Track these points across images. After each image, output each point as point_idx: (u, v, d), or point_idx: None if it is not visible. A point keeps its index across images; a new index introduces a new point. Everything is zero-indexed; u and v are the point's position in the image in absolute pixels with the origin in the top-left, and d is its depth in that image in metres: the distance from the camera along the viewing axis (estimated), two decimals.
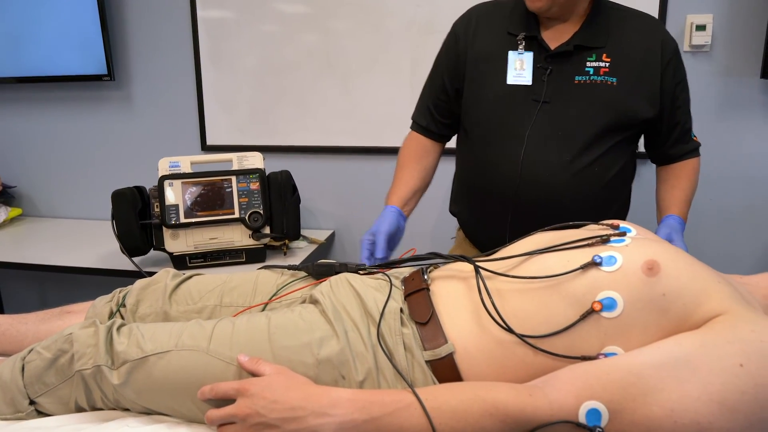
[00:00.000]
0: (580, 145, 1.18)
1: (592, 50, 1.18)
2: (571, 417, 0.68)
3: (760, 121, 1.78)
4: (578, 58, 1.18)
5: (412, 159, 1.37)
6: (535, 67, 1.20)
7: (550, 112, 1.18)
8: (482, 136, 1.26)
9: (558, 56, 1.19)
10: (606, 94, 1.17)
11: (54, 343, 0.84)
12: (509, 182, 1.20)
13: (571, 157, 1.18)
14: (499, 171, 1.21)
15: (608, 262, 0.77)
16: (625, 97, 1.17)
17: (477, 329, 0.80)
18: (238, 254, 1.68)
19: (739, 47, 1.75)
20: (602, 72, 1.17)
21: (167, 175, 1.62)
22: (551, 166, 1.18)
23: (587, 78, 1.18)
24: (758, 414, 0.64)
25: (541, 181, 1.18)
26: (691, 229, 1.89)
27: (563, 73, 1.18)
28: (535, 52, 1.20)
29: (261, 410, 0.71)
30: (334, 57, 2.00)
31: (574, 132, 1.18)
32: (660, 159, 1.34)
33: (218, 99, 2.11)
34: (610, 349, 0.74)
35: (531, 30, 1.21)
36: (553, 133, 1.18)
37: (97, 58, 2.10)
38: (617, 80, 1.17)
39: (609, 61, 1.17)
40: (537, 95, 1.19)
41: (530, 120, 1.18)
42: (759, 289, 0.83)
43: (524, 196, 1.20)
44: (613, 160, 1.21)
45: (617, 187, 1.27)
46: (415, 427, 0.69)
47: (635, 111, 1.19)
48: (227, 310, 0.98)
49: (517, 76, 1.20)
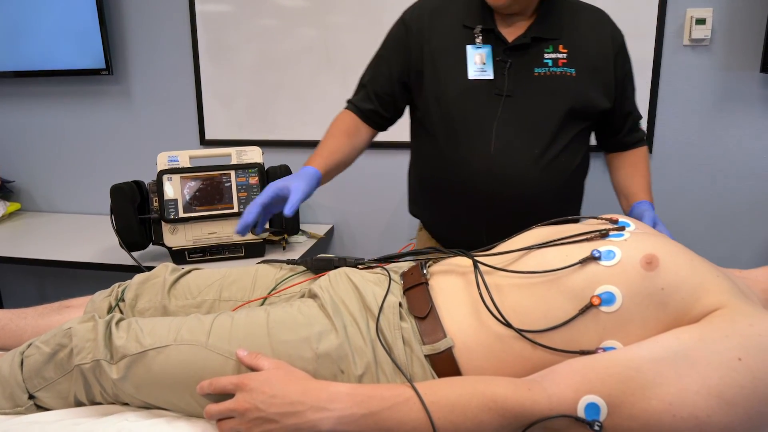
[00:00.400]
0: (547, 136, 1.18)
1: (549, 42, 1.19)
2: (569, 411, 0.68)
3: (760, 115, 1.78)
4: (536, 50, 1.18)
5: (344, 133, 1.30)
6: (494, 60, 1.19)
7: (514, 106, 1.18)
8: (448, 133, 1.22)
9: (516, 49, 1.18)
10: (566, 84, 1.18)
11: (53, 337, 0.84)
12: (481, 177, 1.18)
13: (539, 149, 1.18)
14: (470, 167, 1.19)
15: (607, 256, 0.77)
16: (584, 88, 1.19)
17: (476, 324, 0.80)
18: (237, 249, 1.68)
19: (739, 41, 1.74)
20: (560, 63, 1.18)
21: (166, 170, 1.62)
22: (522, 158, 1.18)
23: (547, 70, 1.18)
24: (756, 407, 0.65)
25: (512, 174, 1.18)
26: (690, 223, 1.90)
27: (523, 66, 1.18)
28: (493, 46, 1.19)
29: (260, 405, 0.71)
30: (333, 51, 1.99)
31: (539, 124, 1.18)
32: (612, 147, 1.35)
33: (217, 93, 2.11)
34: (609, 344, 0.74)
35: (487, 23, 1.20)
36: (519, 126, 1.18)
37: (95, 52, 2.09)
38: (575, 71, 1.18)
39: (566, 53, 1.18)
40: (499, 89, 1.18)
41: (496, 114, 1.17)
42: (758, 283, 0.83)
43: (497, 191, 1.19)
44: (576, 150, 1.23)
45: (580, 178, 1.29)
46: (414, 421, 0.69)
47: (594, 101, 1.20)
48: (226, 304, 0.98)
49: (478, 70, 1.19)
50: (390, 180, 2.07)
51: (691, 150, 1.85)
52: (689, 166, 1.86)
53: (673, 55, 1.79)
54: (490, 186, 1.18)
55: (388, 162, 2.05)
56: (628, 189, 1.29)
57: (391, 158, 2.04)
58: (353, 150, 1.30)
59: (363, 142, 1.33)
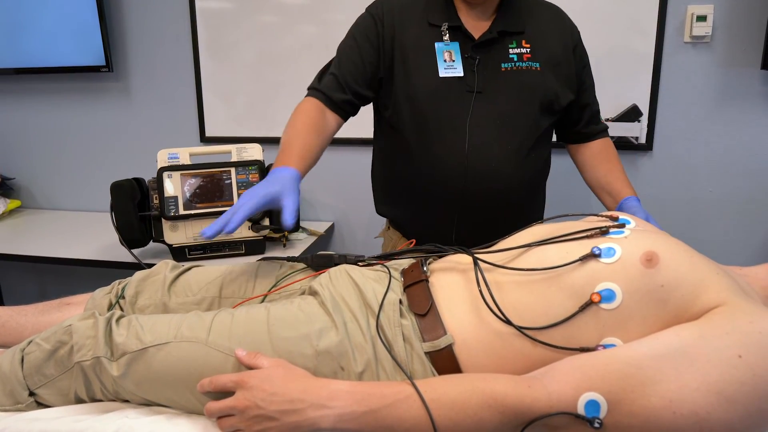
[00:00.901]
0: (518, 132, 1.19)
1: (513, 36, 1.20)
2: (569, 408, 0.68)
3: (761, 112, 1.78)
4: (500, 46, 1.19)
5: (312, 129, 1.18)
6: (462, 57, 1.18)
7: (485, 102, 1.18)
8: (420, 131, 1.21)
9: (482, 45, 1.19)
10: (533, 79, 1.19)
11: (53, 334, 0.84)
12: (456, 175, 1.18)
13: (512, 145, 1.19)
14: (445, 165, 1.18)
15: (607, 253, 0.77)
16: (549, 82, 1.20)
17: (476, 321, 0.80)
18: (238, 246, 1.68)
19: (740, 38, 1.74)
20: (525, 58, 1.19)
21: (166, 167, 1.62)
22: (495, 154, 1.18)
23: (513, 65, 1.19)
24: (756, 404, 0.65)
25: (487, 170, 1.18)
26: (690, 220, 1.89)
27: (490, 62, 1.19)
28: (460, 42, 1.19)
29: (260, 402, 0.71)
30: (332, 48, 1.97)
31: (511, 119, 1.19)
32: (573, 138, 1.35)
33: (217, 90, 2.11)
34: (609, 341, 0.74)
35: (453, 20, 1.19)
36: (492, 122, 1.18)
37: (95, 49, 2.09)
38: (540, 65, 1.20)
39: (529, 47, 1.20)
40: (470, 86, 1.18)
41: (468, 111, 1.17)
42: (758, 280, 0.83)
43: (471, 188, 1.18)
44: (545, 145, 1.25)
45: (545, 173, 1.32)
46: (414, 418, 0.69)
47: (559, 95, 1.22)
48: (226, 301, 0.98)
49: (448, 68, 1.18)
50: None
51: (691, 147, 1.85)
52: (690, 164, 1.86)
53: (673, 52, 1.79)
54: (464, 182, 1.18)
55: None
56: (610, 186, 1.28)
57: None
58: (324, 143, 1.20)
59: (330, 134, 1.24)
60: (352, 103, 1.26)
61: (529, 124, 1.20)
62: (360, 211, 2.13)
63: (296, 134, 1.16)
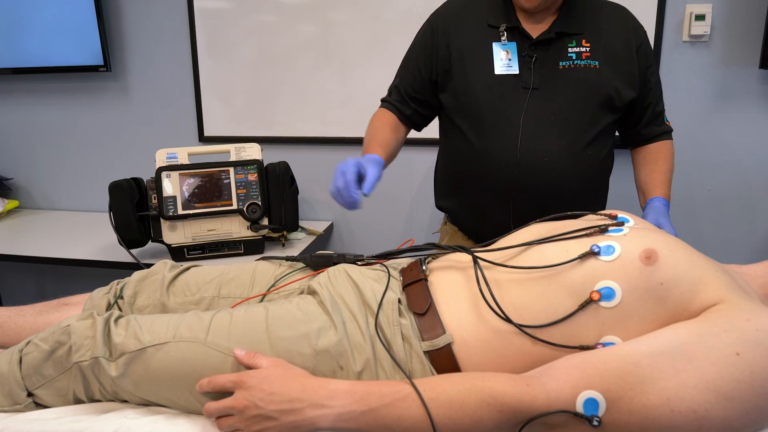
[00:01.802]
0: (573, 128, 1.20)
1: (572, 36, 1.21)
2: (568, 407, 0.68)
3: (759, 111, 1.78)
4: (559, 45, 1.21)
5: (388, 126, 1.33)
6: (519, 56, 1.22)
7: (540, 98, 1.20)
8: (475, 126, 1.25)
9: (540, 44, 1.21)
10: (591, 76, 1.20)
11: (51, 335, 0.84)
12: (508, 169, 1.20)
13: (566, 140, 1.20)
14: (497, 158, 1.22)
15: (606, 251, 0.77)
16: (608, 79, 1.21)
17: (475, 319, 0.80)
18: (237, 246, 1.68)
19: (738, 37, 1.74)
20: (584, 56, 1.20)
21: (164, 167, 1.62)
22: (549, 150, 1.20)
23: (571, 63, 1.21)
24: (754, 401, 0.65)
25: (539, 165, 1.20)
26: (689, 219, 1.90)
27: (547, 60, 1.21)
28: (518, 42, 1.22)
29: (259, 402, 0.71)
30: (332, 47, 1.99)
31: (566, 116, 1.20)
32: (633, 140, 1.35)
33: (216, 90, 2.10)
34: (609, 339, 0.74)
35: (512, 21, 1.23)
36: (546, 118, 1.20)
37: (93, 48, 2.09)
38: (599, 63, 1.21)
39: (589, 46, 1.21)
40: (526, 83, 1.21)
41: (522, 107, 1.20)
42: (756, 278, 0.83)
43: (523, 182, 1.21)
44: (603, 143, 1.25)
45: (605, 172, 1.31)
46: (413, 417, 0.69)
47: (619, 92, 1.22)
48: (225, 301, 0.98)
49: (504, 66, 1.22)
50: (389, 177, 2.06)
51: (690, 146, 1.85)
52: (688, 162, 1.86)
53: (672, 51, 1.79)
54: (516, 177, 1.20)
55: None
56: (645, 186, 1.30)
57: None
58: (398, 143, 1.34)
59: (403, 137, 1.38)
60: (419, 112, 1.36)
61: (585, 121, 1.21)
62: (359, 211, 2.13)
63: (375, 132, 1.31)
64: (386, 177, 2.17)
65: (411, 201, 2.07)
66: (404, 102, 1.36)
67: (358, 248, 2.16)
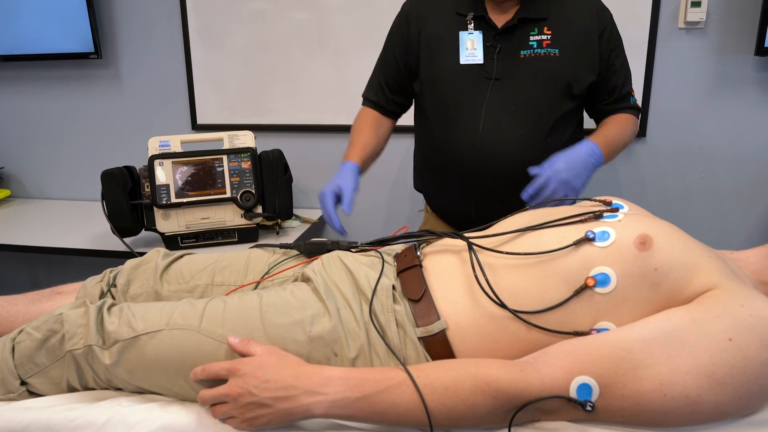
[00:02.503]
0: (533, 117, 1.25)
1: (535, 24, 1.25)
2: (562, 392, 0.68)
3: (754, 98, 1.78)
4: (522, 33, 1.25)
5: (368, 126, 1.39)
6: (484, 46, 1.26)
7: (502, 88, 1.25)
8: (440, 115, 1.30)
9: (504, 33, 1.25)
10: (550, 65, 1.24)
11: (44, 323, 0.83)
12: (469, 157, 1.26)
13: (525, 129, 1.24)
14: (460, 147, 1.27)
15: (601, 237, 0.77)
16: (567, 67, 1.24)
17: (470, 305, 0.80)
18: (231, 234, 1.68)
19: (734, 24, 1.73)
20: (545, 44, 1.24)
21: (157, 155, 1.60)
22: (508, 138, 1.24)
23: (532, 51, 1.25)
24: (746, 387, 0.65)
25: (499, 153, 1.25)
26: (683, 206, 1.90)
27: (510, 50, 1.25)
28: (483, 31, 1.26)
29: (253, 390, 0.71)
30: (325, 34, 1.97)
31: (525, 105, 1.24)
32: (597, 117, 1.37)
33: (208, 77, 2.08)
34: (603, 325, 0.74)
35: (479, 10, 1.27)
36: (506, 107, 1.24)
37: (83, 35, 2.06)
38: (559, 51, 1.24)
39: (550, 34, 1.25)
40: (488, 73, 1.25)
41: (485, 97, 1.25)
42: (749, 264, 0.83)
43: (484, 170, 1.26)
44: (563, 130, 1.28)
45: None
46: (407, 404, 0.69)
47: (578, 78, 1.25)
48: (219, 289, 0.98)
49: (469, 55, 1.26)
50: (382, 164, 2.05)
51: (685, 133, 1.85)
52: (683, 150, 1.86)
53: (668, 38, 1.78)
54: (477, 163, 1.26)
55: None
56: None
57: None
58: (380, 140, 1.39)
59: (386, 131, 1.43)
60: (394, 100, 1.42)
61: (544, 110, 1.25)
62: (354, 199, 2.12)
63: (357, 133, 1.38)
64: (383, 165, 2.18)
65: (407, 188, 2.07)
66: (382, 92, 1.41)
67: (352, 236, 2.15)
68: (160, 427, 0.76)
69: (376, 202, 2.11)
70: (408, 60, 1.35)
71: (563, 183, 1.10)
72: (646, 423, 0.68)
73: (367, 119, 1.42)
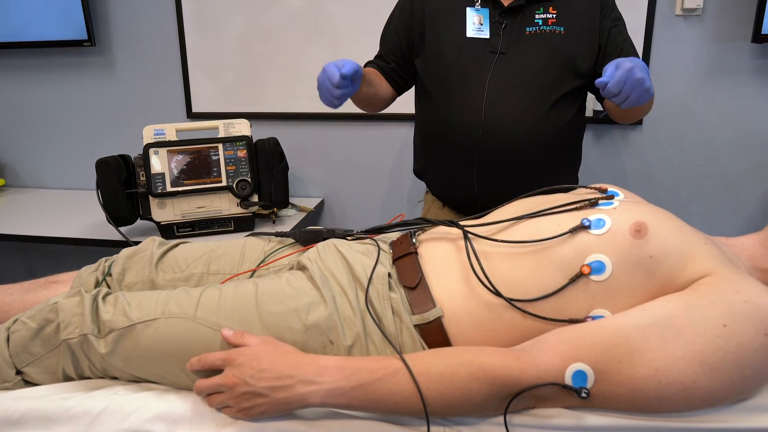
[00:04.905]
0: (536, 91, 1.25)
1: (540, 3, 1.27)
2: (557, 379, 0.68)
3: (750, 86, 1.77)
4: (528, 11, 1.27)
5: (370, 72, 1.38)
6: (491, 22, 1.28)
7: (506, 62, 1.26)
8: (443, 88, 1.31)
9: (510, 11, 1.28)
10: (555, 42, 1.26)
11: (39, 312, 0.83)
12: (472, 130, 1.26)
13: (529, 102, 1.25)
14: (463, 119, 1.27)
15: (597, 225, 0.77)
16: (572, 44, 1.26)
17: (466, 292, 0.80)
18: (227, 223, 1.67)
19: (731, 11, 1.72)
20: (550, 23, 1.27)
21: (152, 143, 1.59)
22: (512, 111, 1.25)
23: (537, 28, 1.27)
24: (740, 372, 0.66)
25: (502, 127, 1.25)
26: (680, 192, 1.90)
27: (516, 26, 1.27)
28: (490, 9, 1.29)
29: (249, 379, 0.71)
30: (321, 21, 1.95)
31: (529, 79, 1.25)
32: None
33: (203, 65, 2.07)
34: (598, 312, 0.74)
35: None
36: (511, 81, 1.25)
37: (76, 22, 2.03)
38: (564, 29, 1.26)
39: (555, 13, 1.27)
40: (494, 47, 1.27)
41: (489, 70, 1.25)
42: (744, 250, 0.83)
43: (486, 144, 1.26)
44: (567, 107, 1.29)
45: (571, 136, 1.34)
46: (403, 392, 0.70)
47: (583, 56, 1.27)
48: (214, 277, 0.98)
49: (475, 30, 1.28)
50: (380, 152, 2.05)
51: (681, 121, 1.84)
52: (680, 137, 1.86)
53: (664, 25, 1.77)
54: (480, 138, 1.25)
55: (377, 134, 2.03)
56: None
57: (380, 131, 2.02)
58: (380, 85, 1.39)
59: (386, 89, 1.42)
60: (397, 71, 1.41)
61: (548, 84, 1.25)
62: (349, 187, 2.12)
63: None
64: (379, 153, 2.16)
65: (403, 177, 2.06)
66: (387, 61, 1.42)
67: (349, 224, 2.15)
68: (156, 416, 0.76)
69: (374, 190, 2.10)
70: (411, 36, 1.36)
71: (638, 82, 0.97)
72: (640, 409, 0.69)
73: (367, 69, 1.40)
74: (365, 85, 1.29)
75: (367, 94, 1.34)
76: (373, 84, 1.35)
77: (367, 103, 1.39)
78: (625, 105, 0.99)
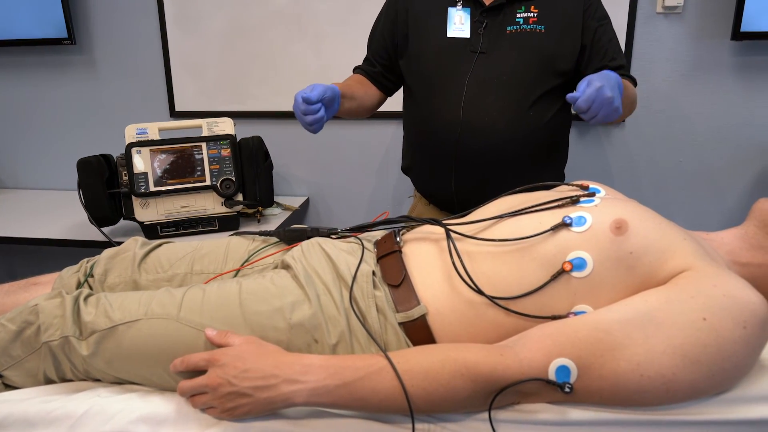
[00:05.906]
0: (515, 90, 1.26)
1: (522, 2, 1.28)
2: (541, 374, 0.69)
3: (730, 83, 1.80)
4: (509, 11, 1.28)
5: (355, 81, 1.43)
6: (472, 21, 1.29)
7: (486, 62, 1.27)
8: (425, 88, 1.33)
9: (492, 10, 1.28)
10: (535, 41, 1.26)
11: (19, 314, 0.82)
12: (451, 129, 1.27)
13: (507, 101, 1.26)
14: (442, 118, 1.28)
15: (578, 222, 0.78)
16: (552, 43, 1.26)
17: (449, 291, 0.80)
18: (211, 222, 1.66)
19: (711, 9, 1.75)
20: (531, 21, 1.27)
21: (134, 143, 1.58)
22: (490, 110, 1.26)
23: (518, 27, 1.27)
24: (720, 365, 0.67)
25: (480, 125, 1.26)
26: (661, 189, 1.92)
27: (496, 26, 1.28)
28: (471, 8, 1.29)
29: (232, 380, 0.71)
30: (305, 19, 1.95)
31: (509, 78, 1.26)
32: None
33: (186, 63, 2.05)
34: (580, 308, 0.75)
35: None
36: (489, 80, 1.26)
37: (56, 20, 2.01)
38: (545, 28, 1.26)
39: (536, 12, 1.27)
40: (474, 47, 1.27)
41: (468, 69, 1.26)
42: (723, 245, 0.85)
43: (465, 142, 1.27)
44: (547, 106, 1.29)
45: (551, 134, 1.33)
46: (388, 390, 0.70)
47: (563, 55, 1.27)
48: (198, 277, 0.97)
49: (456, 29, 1.29)
50: (365, 151, 2.05)
51: (662, 118, 1.86)
52: (661, 134, 1.88)
53: (645, 23, 1.79)
54: (458, 135, 1.27)
55: (363, 133, 2.03)
56: None
57: (366, 129, 2.02)
58: (365, 94, 1.41)
59: (373, 95, 1.45)
60: (384, 74, 1.44)
61: (527, 83, 1.26)
62: (335, 186, 2.12)
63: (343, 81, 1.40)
64: (365, 151, 2.16)
65: (389, 175, 2.06)
66: (373, 65, 1.45)
67: (334, 223, 2.15)
68: (139, 417, 0.75)
69: (359, 189, 2.10)
70: (395, 36, 1.38)
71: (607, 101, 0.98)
72: (623, 403, 0.70)
73: (357, 78, 1.45)
74: (347, 101, 1.31)
75: (350, 108, 1.35)
76: (356, 97, 1.36)
77: (353, 114, 1.40)
78: (593, 122, 1.01)
